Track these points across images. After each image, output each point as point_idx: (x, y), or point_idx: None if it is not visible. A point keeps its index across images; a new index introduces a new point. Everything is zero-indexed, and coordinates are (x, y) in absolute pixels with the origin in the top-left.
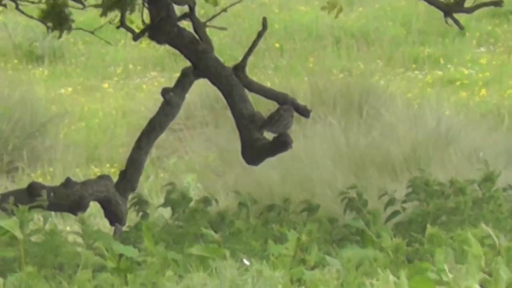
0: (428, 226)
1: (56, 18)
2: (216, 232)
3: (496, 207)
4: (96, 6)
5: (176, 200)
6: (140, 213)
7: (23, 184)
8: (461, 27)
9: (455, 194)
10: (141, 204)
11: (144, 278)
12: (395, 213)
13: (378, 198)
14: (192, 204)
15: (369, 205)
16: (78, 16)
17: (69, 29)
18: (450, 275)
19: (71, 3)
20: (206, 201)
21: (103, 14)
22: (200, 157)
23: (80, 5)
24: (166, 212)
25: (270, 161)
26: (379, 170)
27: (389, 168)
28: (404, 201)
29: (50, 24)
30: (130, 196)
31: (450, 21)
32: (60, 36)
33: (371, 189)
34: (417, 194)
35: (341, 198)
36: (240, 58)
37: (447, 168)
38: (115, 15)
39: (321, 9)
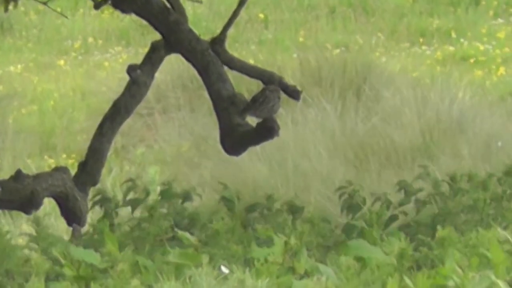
0: (439, 227)
1: None
2: (191, 234)
3: None
4: None
5: (139, 198)
6: (102, 211)
7: None
8: None
9: (473, 190)
10: (104, 201)
11: None
12: (393, 218)
13: (372, 204)
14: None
15: (369, 203)
16: None
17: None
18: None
19: None
20: (186, 196)
21: None
22: (172, 146)
23: None
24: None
25: (253, 151)
26: (381, 161)
27: (392, 159)
28: (401, 204)
29: None
30: (91, 192)
31: None
32: (6, 9)
33: (371, 184)
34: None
35: (339, 194)
36: (219, 31)
37: (460, 159)
38: None
39: None
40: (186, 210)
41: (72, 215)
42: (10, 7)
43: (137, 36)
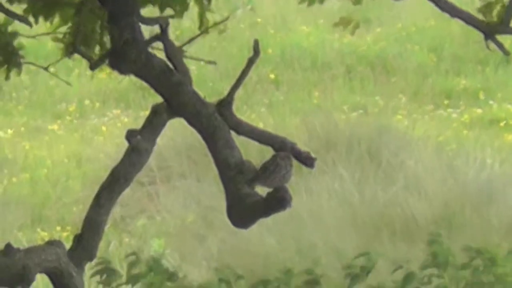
0: None
1: (2, 53)
2: None
3: None
4: (47, 34)
5: (141, 274)
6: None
7: None
8: (506, 53)
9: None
10: (108, 273)
11: None
12: None
13: (392, 272)
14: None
15: (385, 279)
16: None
17: (18, 66)
18: None
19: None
20: (171, 276)
21: (67, 53)
22: (176, 218)
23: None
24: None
25: (264, 223)
26: (402, 234)
27: (414, 231)
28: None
29: None
30: (91, 264)
31: (492, 45)
32: (7, 77)
33: (389, 259)
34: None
35: (346, 273)
36: (226, 92)
37: (488, 233)
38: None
39: (334, 25)
40: None
41: None
42: (12, 75)
43: (137, 98)
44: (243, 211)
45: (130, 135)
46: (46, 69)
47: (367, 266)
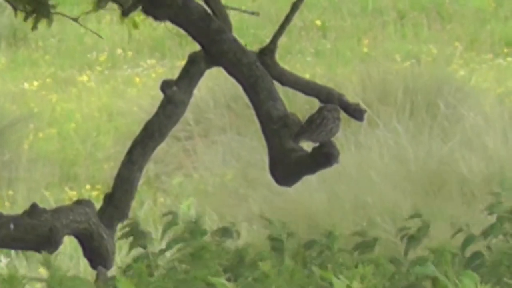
0: None
1: (30, 1)
2: (234, 278)
3: None
4: None
5: (180, 235)
6: (134, 250)
7: None
8: None
9: None
10: (137, 235)
11: None
12: (477, 256)
13: (452, 236)
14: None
15: (441, 241)
16: None
17: (48, 15)
18: None
19: None
20: (224, 233)
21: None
22: (215, 175)
23: None
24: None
25: (309, 181)
26: (460, 193)
27: (473, 190)
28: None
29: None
30: (120, 226)
31: None
32: (34, 27)
33: (446, 219)
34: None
35: (401, 236)
36: (268, 39)
37: None
38: None
39: None
40: (228, 250)
41: (97, 256)
42: (40, 25)
43: (173, 47)
44: (287, 168)
45: (166, 86)
46: (76, 20)
47: (423, 228)
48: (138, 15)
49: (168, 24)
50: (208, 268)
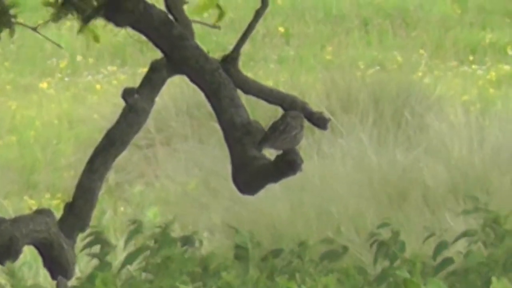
0: (494, 279)
1: None
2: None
3: None
4: None
5: (145, 244)
6: (96, 259)
7: None
8: None
9: None
10: (100, 244)
11: None
12: (447, 262)
13: (424, 241)
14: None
15: (409, 250)
16: None
17: (9, 26)
18: None
19: None
20: (186, 242)
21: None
22: (176, 183)
23: None
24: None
25: (273, 189)
26: (424, 201)
27: (437, 199)
28: (456, 240)
29: None
30: (81, 236)
31: None
32: None
33: (411, 228)
34: (475, 235)
35: (371, 242)
36: (231, 47)
37: None
38: None
39: None
40: (193, 258)
41: (58, 266)
42: (3, 34)
43: (134, 53)
44: (250, 176)
45: (127, 93)
46: (35, 29)
47: (393, 235)
48: (98, 23)
49: (129, 30)
50: (173, 278)
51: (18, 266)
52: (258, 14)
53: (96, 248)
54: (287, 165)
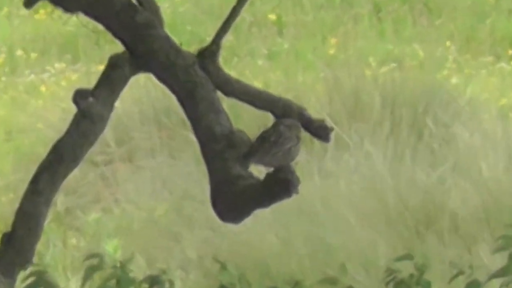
0: None
1: None
2: None
3: None
4: None
5: (104, 284)
6: None
7: None
8: None
9: None
10: (44, 286)
11: None
12: None
13: (450, 281)
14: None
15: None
16: None
17: None
18: None
19: None
20: (153, 282)
21: None
22: (141, 209)
23: None
24: None
25: (261, 216)
26: (451, 232)
27: (466, 229)
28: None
29: None
30: (22, 274)
31: None
32: None
33: (435, 264)
34: None
35: (387, 280)
36: (210, 38)
37: None
38: None
39: None
40: None
41: None
42: None
43: (88, 46)
44: (233, 199)
45: (80, 96)
46: None
47: (417, 272)
48: (44, 6)
49: (82, 17)
50: None
51: None
52: None
53: None
54: (280, 185)
